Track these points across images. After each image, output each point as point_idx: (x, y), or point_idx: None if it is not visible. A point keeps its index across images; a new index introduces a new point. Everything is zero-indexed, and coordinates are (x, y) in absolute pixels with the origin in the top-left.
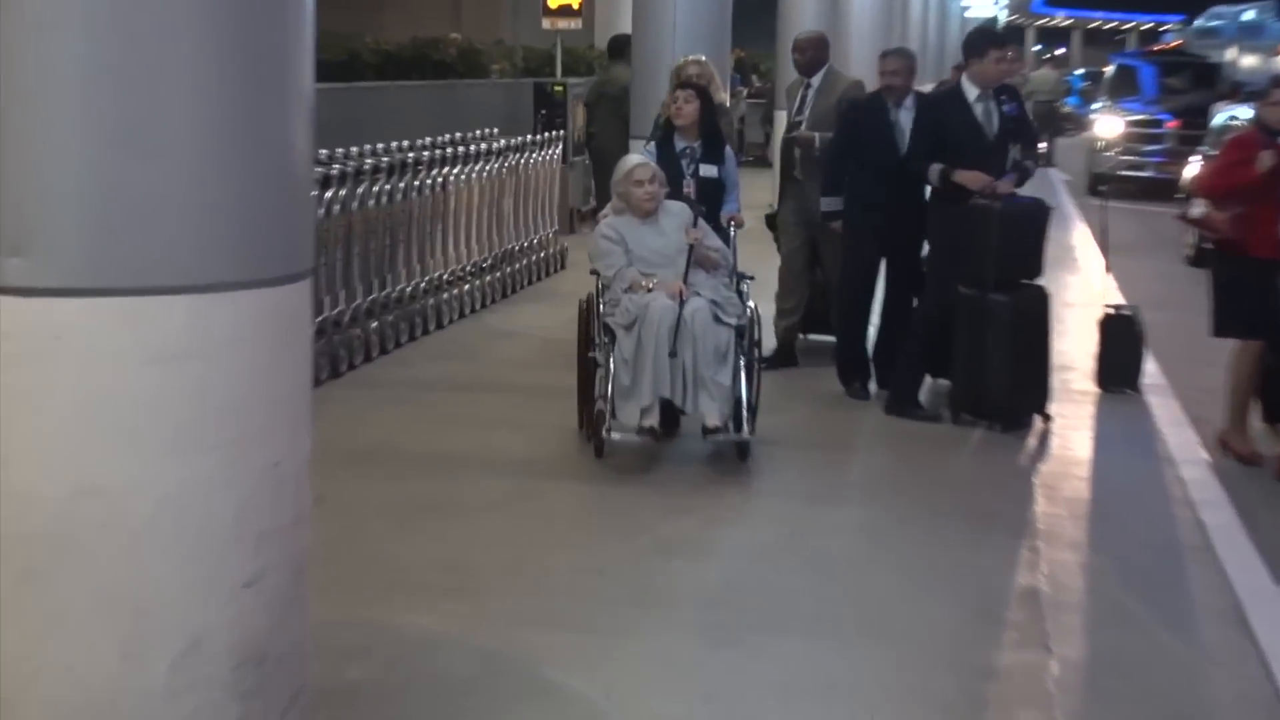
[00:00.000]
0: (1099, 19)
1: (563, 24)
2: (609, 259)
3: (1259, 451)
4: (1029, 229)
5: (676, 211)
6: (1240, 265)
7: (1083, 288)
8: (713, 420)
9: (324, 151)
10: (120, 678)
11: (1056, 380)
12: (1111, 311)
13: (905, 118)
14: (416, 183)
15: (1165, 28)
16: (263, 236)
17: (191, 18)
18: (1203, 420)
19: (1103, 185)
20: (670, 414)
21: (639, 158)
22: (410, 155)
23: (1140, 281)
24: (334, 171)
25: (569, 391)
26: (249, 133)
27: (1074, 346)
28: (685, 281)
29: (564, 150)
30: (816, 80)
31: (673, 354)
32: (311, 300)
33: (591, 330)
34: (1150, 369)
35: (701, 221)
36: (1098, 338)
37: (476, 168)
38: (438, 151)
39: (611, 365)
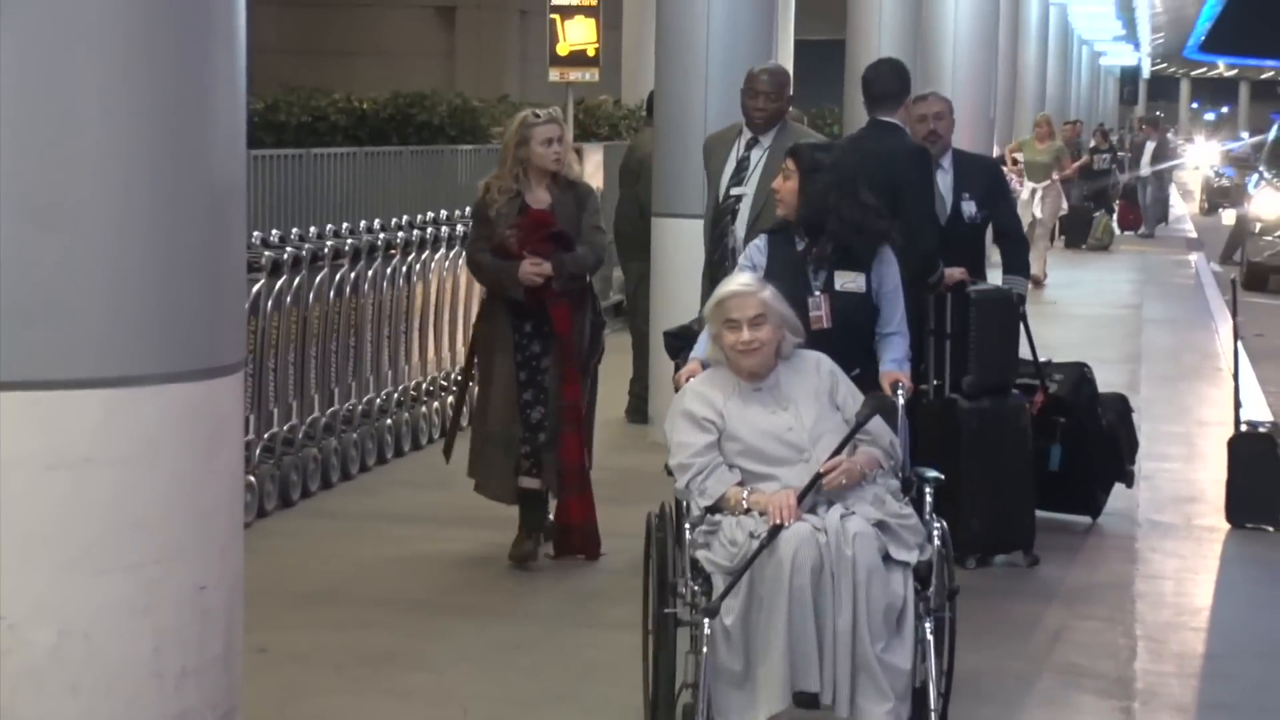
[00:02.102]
0: (1272, 68)
1: (575, 75)
2: (686, 453)
3: None
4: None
5: (809, 368)
6: None
7: (1221, 403)
8: None
9: (276, 232)
10: None
11: (1179, 514)
12: (1246, 430)
13: (943, 181)
14: (389, 270)
15: None
16: (187, 324)
17: (103, 72)
18: None
19: (1234, 273)
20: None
21: (742, 280)
22: (383, 236)
23: None
24: (286, 256)
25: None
26: (171, 206)
27: (1203, 473)
28: (809, 493)
29: None
30: (768, 140)
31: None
32: (244, 399)
33: (668, 567)
34: None
35: (879, 426)
36: (1228, 462)
37: None
38: (417, 232)
39: (709, 633)
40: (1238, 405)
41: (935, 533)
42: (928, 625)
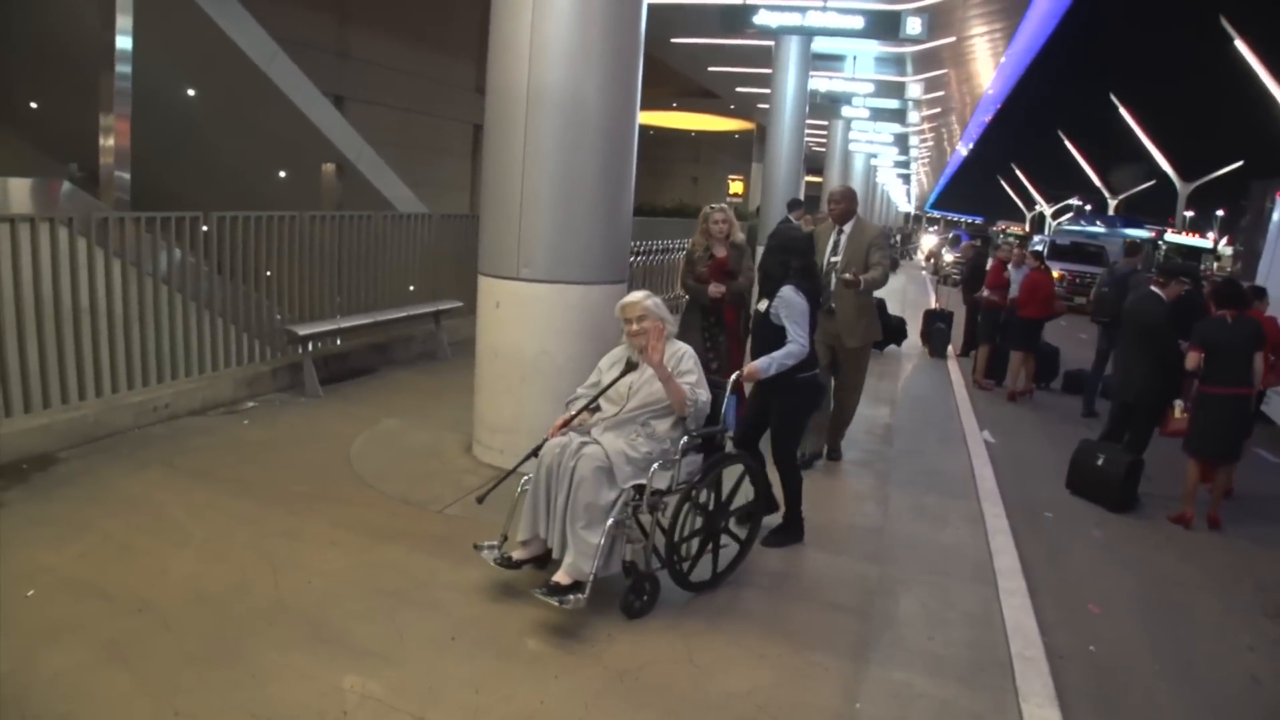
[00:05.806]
0: (953, 216)
1: (735, 200)
2: (582, 385)
3: (988, 386)
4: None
5: (672, 351)
6: (992, 314)
7: (927, 304)
8: (559, 575)
9: (635, 241)
10: (547, 415)
11: (915, 344)
12: (932, 310)
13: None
14: (668, 258)
15: (974, 222)
16: (611, 264)
17: (592, 172)
18: (965, 370)
19: (936, 276)
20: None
21: (637, 293)
22: (667, 245)
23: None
24: (641, 249)
25: None
26: (610, 223)
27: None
28: (570, 421)
29: None
30: (848, 228)
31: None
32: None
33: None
34: (950, 350)
35: (701, 387)
36: (922, 321)
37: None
38: (678, 243)
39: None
40: (932, 305)
41: (654, 469)
42: (610, 523)
